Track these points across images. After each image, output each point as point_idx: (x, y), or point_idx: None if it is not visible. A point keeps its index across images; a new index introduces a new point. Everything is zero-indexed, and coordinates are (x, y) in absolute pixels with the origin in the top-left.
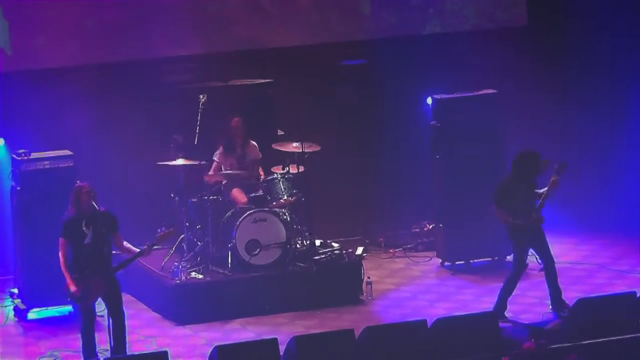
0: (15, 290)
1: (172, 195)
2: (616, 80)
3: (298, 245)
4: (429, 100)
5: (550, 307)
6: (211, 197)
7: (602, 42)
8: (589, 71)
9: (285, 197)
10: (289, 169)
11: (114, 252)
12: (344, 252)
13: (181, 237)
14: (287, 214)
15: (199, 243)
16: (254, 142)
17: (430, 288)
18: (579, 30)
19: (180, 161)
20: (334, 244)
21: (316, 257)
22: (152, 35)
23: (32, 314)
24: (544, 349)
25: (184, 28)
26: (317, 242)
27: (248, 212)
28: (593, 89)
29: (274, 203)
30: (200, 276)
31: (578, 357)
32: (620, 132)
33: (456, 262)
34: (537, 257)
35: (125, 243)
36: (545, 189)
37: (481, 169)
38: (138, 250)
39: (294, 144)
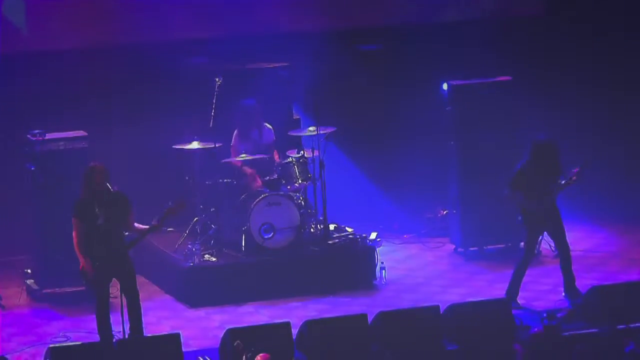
0: (29, 271)
1: (187, 177)
2: (632, 68)
3: (312, 229)
4: (445, 86)
5: (563, 294)
6: (226, 180)
7: (618, 30)
8: (604, 58)
9: (300, 181)
10: (304, 152)
11: (126, 233)
12: (358, 236)
13: (195, 219)
14: (301, 197)
15: (212, 226)
16: (269, 126)
17: (444, 274)
18: (595, 18)
19: (195, 144)
20: (347, 228)
21: (330, 241)
22: (169, 17)
23: (45, 295)
24: (554, 333)
25: (201, 10)
26: (331, 226)
27: (262, 196)
28: (608, 76)
29: (289, 187)
30: (214, 259)
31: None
32: (636, 120)
33: (470, 248)
34: (551, 244)
35: (136, 224)
36: (565, 181)
37: (495, 155)
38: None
39: (310, 128)
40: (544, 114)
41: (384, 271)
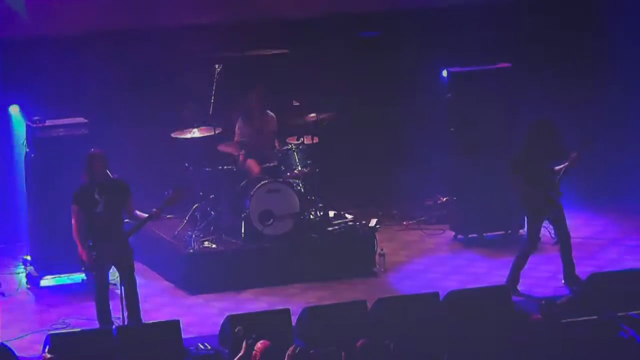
0: (29, 257)
1: (186, 164)
2: (631, 52)
3: (311, 216)
4: (445, 73)
5: (563, 281)
6: (225, 167)
7: (617, 13)
8: (604, 43)
9: (300, 168)
10: (304, 139)
11: (125, 220)
12: (358, 223)
13: (195, 206)
14: (301, 185)
15: (212, 212)
16: (272, 114)
17: (443, 261)
18: (594, 3)
19: (194, 132)
20: (347, 215)
21: (330, 228)
22: (170, 3)
23: (45, 281)
24: (553, 320)
25: None
26: (331, 214)
27: (262, 183)
28: (608, 61)
29: (288, 174)
30: (213, 246)
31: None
32: (635, 105)
33: (469, 235)
34: (550, 231)
35: (136, 211)
36: (564, 165)
37: (495, 142)
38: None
39: (310, 115)
40: (544, 101)
41: (383, 258)
